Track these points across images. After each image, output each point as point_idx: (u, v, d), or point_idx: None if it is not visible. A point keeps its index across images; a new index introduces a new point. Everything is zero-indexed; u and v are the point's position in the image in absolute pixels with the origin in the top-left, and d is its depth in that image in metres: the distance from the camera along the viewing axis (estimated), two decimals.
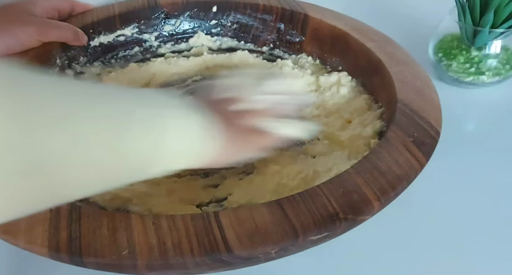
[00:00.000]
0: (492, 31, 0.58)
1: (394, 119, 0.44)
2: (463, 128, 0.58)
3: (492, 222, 0.46)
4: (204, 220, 0.35)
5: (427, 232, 0.45)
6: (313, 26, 0.62)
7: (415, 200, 0.47)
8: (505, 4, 0.56)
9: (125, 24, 0.64)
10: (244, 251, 0.33)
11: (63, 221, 0.35)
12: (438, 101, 0.47)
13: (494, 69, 0.60)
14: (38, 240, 0.33)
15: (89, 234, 0.34)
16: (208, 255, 0.33)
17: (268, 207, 0.36)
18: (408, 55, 0.54)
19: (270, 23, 0.65)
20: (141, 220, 0.35)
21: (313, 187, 0.37)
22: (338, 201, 0.36)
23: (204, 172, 0.48)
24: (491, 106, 0.61)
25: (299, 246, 0.34)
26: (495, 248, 0.43)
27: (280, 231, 0.34)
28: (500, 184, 0.50)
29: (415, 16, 0.76)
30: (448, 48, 0.62)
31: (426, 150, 0.41)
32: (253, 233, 0.34)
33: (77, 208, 0.36)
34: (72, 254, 0.33)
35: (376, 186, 0.37)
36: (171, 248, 0.33)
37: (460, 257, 0.43)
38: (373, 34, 0.58)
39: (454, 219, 0.46)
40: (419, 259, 0.42)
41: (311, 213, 0.35)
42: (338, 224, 0.35)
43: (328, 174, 0.44)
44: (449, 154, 0.52)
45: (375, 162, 0.40)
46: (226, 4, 0.66)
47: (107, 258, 0.33)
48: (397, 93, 0.47)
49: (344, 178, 0.38)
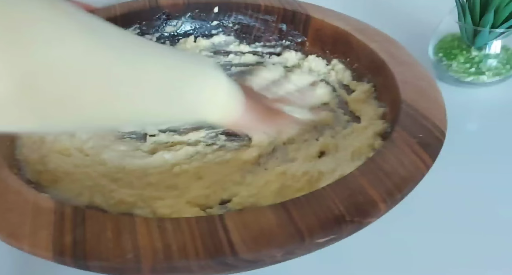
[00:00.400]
0: (492, 31, 0.58)
1: (399, 120, 0.44)
2: (463, 128, 0.58)
3: (496, 221, 0.46)
4: (209, 222, 0.34)
5: (429, 232, 0.45)
6: (315, 26, 0.62)
7: (417, 200, 0.47)
8: (505, 4, 0.56)
9: (126, 25, 0.63)
10: (249, 254, 0.33)
11: (68, 224, 0.34)
12: (442, 102, 0.46)
13: (494, 69, 0.60)
14: (42, 244, 0.33)
15: (94, 237, 0.34)
16: (213, 258, 0.33)
17: (274, 210, 0.35)
18: (410, 56, 0.54)
19: (271, 24, 0.65)
20: (146, 223, 0.35)
21: (319, 189, 0.37)
22: (344, 203, 0.36)
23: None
24: (492, 106, 0.61)
25: (305, 249, 0.34)
26: (498, 249, 0.43)
27: (285, 234, 0.34)
28: (501, 184, 0.50)
29: (415, 16, 0.76)
30: (448, 48, 0.62)
31: (431, 150, 0.41)
32: (259, 235, 0.34)
33: (82, 212, 0.35)
34: (77, 258, 0.32)
35: (382, 188, 0.37)
36: (175, 251, 0.33)
37: (465, 258, 0.43)
38: (376, 35, 0.58)
39: (456, 219, 0.46)
40: (425, 260, 0.42)
41: (317, 215, 0.35)
42: (345, 226, 0.34)
43: (332, 175, 0.44)
44: (449, 154, 0.52)
45: (380, 163, 0.39)
46: (228, 5, 0.66)
47: (111, 261, 0.32)
48: (401, 94, 0.47)
49: (349, 180, 0.38)
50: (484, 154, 0.53)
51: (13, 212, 0.35)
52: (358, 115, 0.53)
